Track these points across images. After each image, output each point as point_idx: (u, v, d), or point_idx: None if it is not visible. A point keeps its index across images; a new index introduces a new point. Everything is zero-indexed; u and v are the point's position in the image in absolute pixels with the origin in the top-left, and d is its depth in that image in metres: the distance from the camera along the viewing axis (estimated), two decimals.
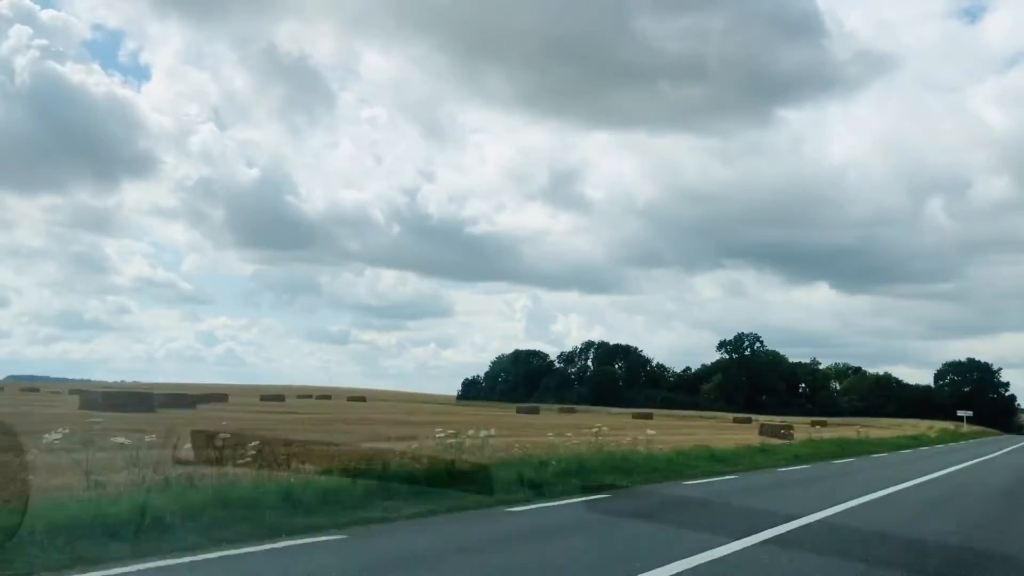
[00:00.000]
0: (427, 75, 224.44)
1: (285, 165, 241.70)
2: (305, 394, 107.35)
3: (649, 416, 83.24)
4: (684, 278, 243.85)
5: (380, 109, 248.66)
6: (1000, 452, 36.61)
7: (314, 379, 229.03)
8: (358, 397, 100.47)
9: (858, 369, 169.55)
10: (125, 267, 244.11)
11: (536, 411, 77.11)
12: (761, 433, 40.48)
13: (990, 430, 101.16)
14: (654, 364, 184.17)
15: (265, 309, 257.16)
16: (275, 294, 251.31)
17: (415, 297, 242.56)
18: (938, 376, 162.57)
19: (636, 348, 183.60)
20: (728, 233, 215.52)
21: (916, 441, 44.08)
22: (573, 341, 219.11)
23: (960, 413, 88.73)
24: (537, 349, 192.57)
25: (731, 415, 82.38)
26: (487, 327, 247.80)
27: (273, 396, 79.76)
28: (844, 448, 28.48)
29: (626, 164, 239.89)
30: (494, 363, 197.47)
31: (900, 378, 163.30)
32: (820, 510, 10.94)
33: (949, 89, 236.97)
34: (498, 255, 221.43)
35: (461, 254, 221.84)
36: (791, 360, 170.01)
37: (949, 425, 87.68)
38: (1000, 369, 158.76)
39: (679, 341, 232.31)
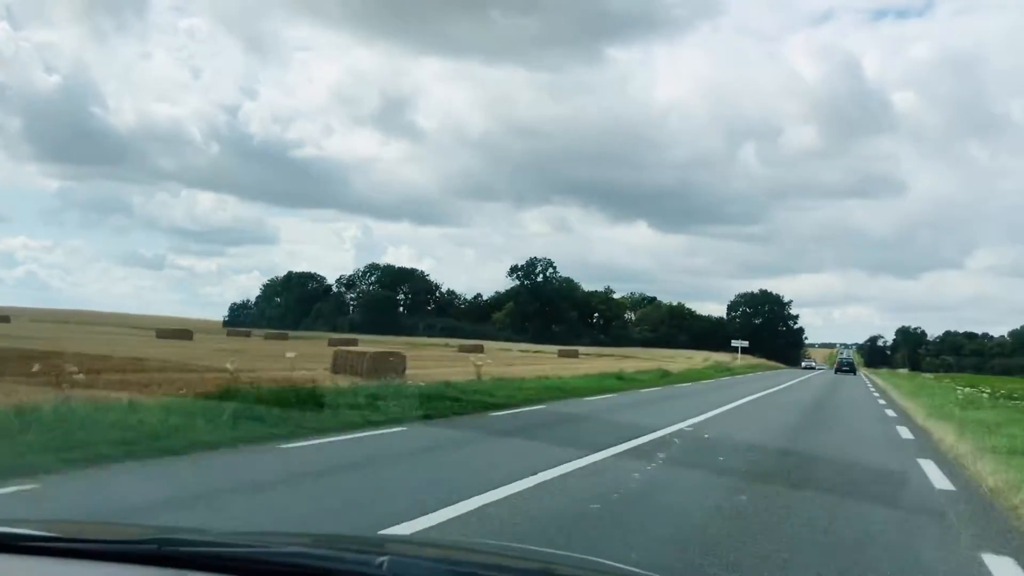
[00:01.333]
0: None
1: (90, 73, 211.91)
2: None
3: (353, 343, 64.70)
4: (514, 212, 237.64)
5: (198, 19, 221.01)
6: (722, 408, 20.02)
7: (126, 306, 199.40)
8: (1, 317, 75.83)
9: (653, 299, 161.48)
10: None
11: (190, 336, 57.65)
12: (336, 363, 22.12)
13: (770, 362, 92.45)
14: (443, 290, 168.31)
15: (71, 229, 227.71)
16: (82, 213, 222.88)
17: (236, 222, 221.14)
18: (731, 308, 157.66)
19: (423, 273, 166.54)
20: (556, 169, 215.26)
21: (622, 383, 27.60)
22: None
23: (734, 343, 75.89)
24: (313, 272, 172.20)
25: (459, 342, 66.47)
26: (315, 257, 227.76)
27: None
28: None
29: (458, 93, 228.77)
30: (266, 286, 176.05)
31: (694, 310, 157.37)
32: None
33: (768, 38, 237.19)
34: (326, 181, 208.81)
35: (286, 179, 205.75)
36: (586, 289, 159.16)
37: (726, 357, 77.31)
38: (791, 302, 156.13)
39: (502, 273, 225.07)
